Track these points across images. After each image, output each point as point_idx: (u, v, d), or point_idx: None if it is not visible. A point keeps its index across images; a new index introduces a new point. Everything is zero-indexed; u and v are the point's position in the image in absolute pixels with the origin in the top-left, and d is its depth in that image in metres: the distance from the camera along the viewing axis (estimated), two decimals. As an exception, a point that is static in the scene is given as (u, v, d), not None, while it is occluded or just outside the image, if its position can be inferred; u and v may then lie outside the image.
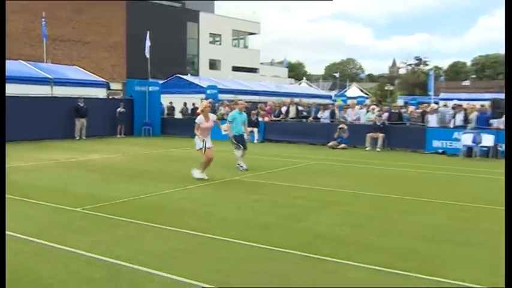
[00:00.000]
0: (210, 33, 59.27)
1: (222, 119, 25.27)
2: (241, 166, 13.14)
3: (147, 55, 27.18)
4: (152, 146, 20.04)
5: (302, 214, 8.11)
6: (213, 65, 59.20)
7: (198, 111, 11.30)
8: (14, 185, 9.94)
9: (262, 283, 4.97)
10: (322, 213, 8.22)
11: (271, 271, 5.29)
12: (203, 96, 29.62)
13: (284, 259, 5.72)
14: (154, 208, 8.40)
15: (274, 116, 24.67)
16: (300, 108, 24.66)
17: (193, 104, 27.78)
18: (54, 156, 15.69)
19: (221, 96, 30.03)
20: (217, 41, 61.01)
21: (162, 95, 27.36)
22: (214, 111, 26.04)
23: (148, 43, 27.34)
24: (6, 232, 6.00)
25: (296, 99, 25.88)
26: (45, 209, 8.20)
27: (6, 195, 7.65)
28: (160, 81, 29.77)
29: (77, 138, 22.66)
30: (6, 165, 12.80)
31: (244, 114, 13.55)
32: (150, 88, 26.48)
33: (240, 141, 13.07)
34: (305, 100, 27.43)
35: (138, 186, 10.46)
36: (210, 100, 24.64)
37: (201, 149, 11.15)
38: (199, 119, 11.11)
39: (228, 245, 6.23)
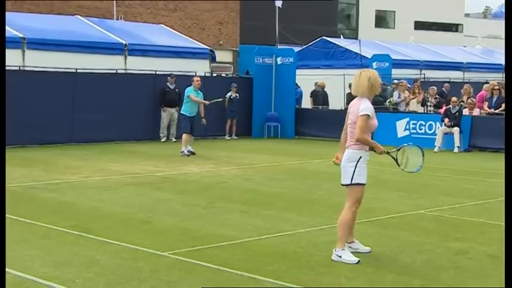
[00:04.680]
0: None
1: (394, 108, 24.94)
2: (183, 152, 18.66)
3: (278, 5, 27.19)
4: (282, 155, 20.37)
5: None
6: (382, 20, 58.70)
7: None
8: (69, 211, 10.54)
9: None
10: None
11: None
12: (366, 71, 29.30)
13: None
14: (287, 256, 8.35)
15: (489, 107, 23.31)
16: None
17: (349, 86, 27.59)
18: (129, 168, 16.49)
19: (396, 72, 29.81)
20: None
21: (298, 71, 27.46)
22: (384, 99, 25.81)
23: (277, -13, 27.69)
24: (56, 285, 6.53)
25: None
26: (117, 251, 8.45)
27: (55, 226, 8.14)
28: (296, 49, 29.79)
29: (163, 139, 23.55)
30: (57, 180, 13.66)
31: (201, 93, 19.42)
32: (279, 60, 26.60)
33: (192, 123, 18.95)
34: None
35: (261, 220, 10.62)
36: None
37: None
38: None
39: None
